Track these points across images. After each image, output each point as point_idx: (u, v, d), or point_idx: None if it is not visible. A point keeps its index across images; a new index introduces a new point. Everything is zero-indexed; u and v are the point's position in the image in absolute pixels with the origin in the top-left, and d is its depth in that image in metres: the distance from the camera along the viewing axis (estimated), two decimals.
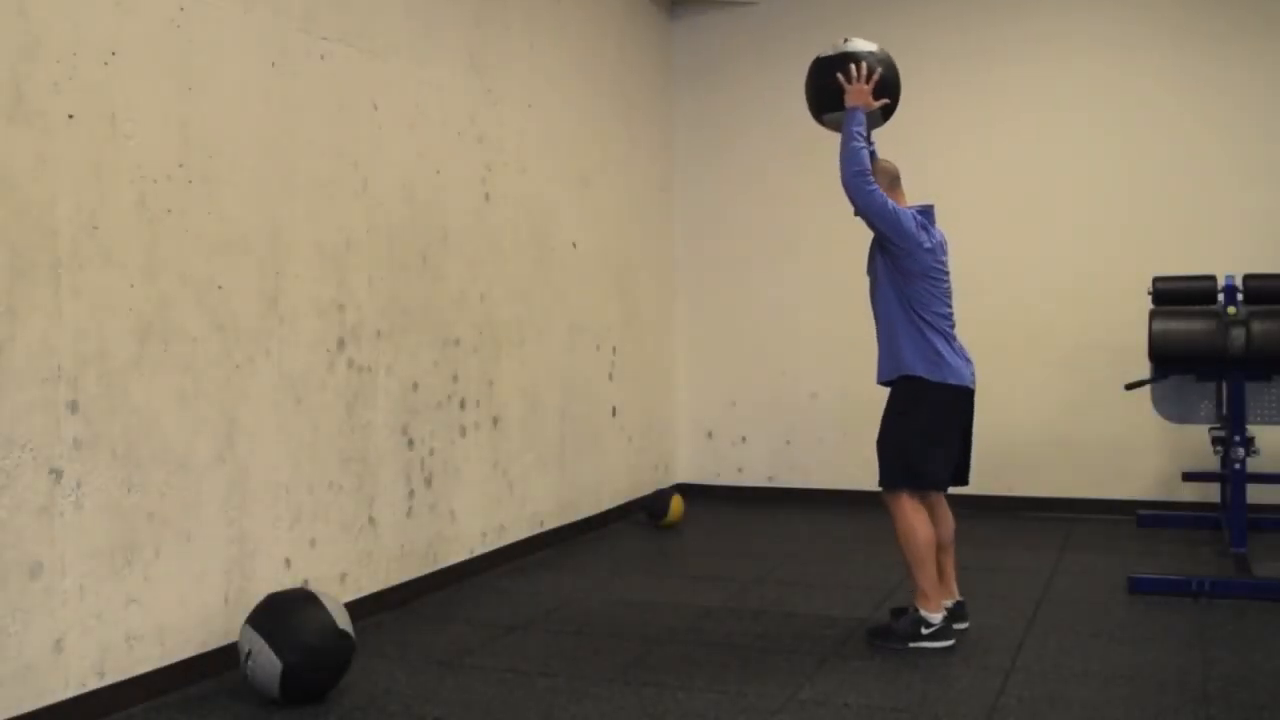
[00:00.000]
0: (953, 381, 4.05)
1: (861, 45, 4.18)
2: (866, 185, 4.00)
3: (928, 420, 4.06)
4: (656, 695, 3.61)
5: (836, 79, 4.11)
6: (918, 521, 4.05)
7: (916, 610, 4.07)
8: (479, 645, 4.20)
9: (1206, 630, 4.27)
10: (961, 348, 4.16)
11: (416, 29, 4.91)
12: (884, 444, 4.13)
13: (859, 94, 4.07)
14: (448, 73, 5.13)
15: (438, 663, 3.99)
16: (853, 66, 4.09)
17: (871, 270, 4.20)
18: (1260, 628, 4.29)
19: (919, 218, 4.10)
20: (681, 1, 7.54)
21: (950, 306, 4.16)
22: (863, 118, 4.07)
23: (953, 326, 4.16)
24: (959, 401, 4.10)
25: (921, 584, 4.05)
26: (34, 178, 3.22)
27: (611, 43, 6.76)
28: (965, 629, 4.19)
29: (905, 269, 4.05)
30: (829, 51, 4.20)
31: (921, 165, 7.13)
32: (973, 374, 4.15)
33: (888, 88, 4.15)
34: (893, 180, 4.23)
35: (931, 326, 4.06)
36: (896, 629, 4.10)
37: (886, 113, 4.21)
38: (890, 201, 4.05)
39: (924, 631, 4.04)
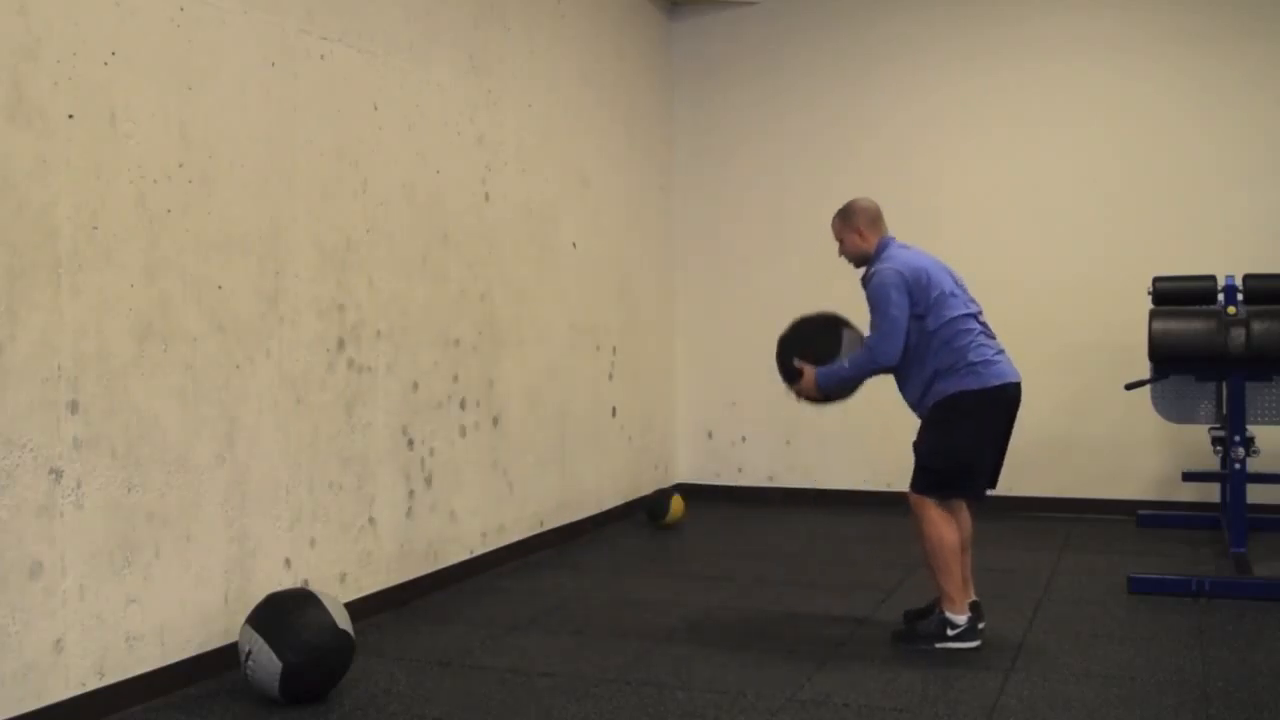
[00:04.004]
0: (996, 383, 4.00)
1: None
2: (882, 354, 4.03)
3: (975, 428, 4.02)
4: (656, 695, 3.61)
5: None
6: (944, 526, 4.04)
7: (942, 612, 4.08)
8: (479, 645, 4.20)
9: (1206, 630, 4.27)
10: (998, 343, 4.12)
11: (416, 29, 4.91)
12: (925, 450, 4.08)
13: (807, 388, 4.20)
14: (448, 73, 5.13)
15: (438, 663, 3.99)
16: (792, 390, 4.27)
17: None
18: (1260, 628, 4.29)
19: (904, 272, 4.04)
20: (681, 2, 7.54)
21: (975, 304, 4.13)
22: (832, 376, 4.13)
23: (984, 323, 4.11)
24: (1008, 399, 4.05)
25: (946, 587, 4.05)
26: (34, 178, 3.22)
27: (611, 43, 6.76)
28: (983, 629, 4.18)
29: (932, 315, 4.03)
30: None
31: (921, 166, 7.16)
32: (1014, 368, 4.10)
33: (792, 350, 4.26)
34: (873, 220, 4.24)
35: (964, 333, 4.01)
36: (922, 630, 4.11)
37: (811, 349, 4.24)
38: (887, 308, 4.02)
39: (950, 633, 4.05)
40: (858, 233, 4.23)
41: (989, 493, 4.22)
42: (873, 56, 7.17)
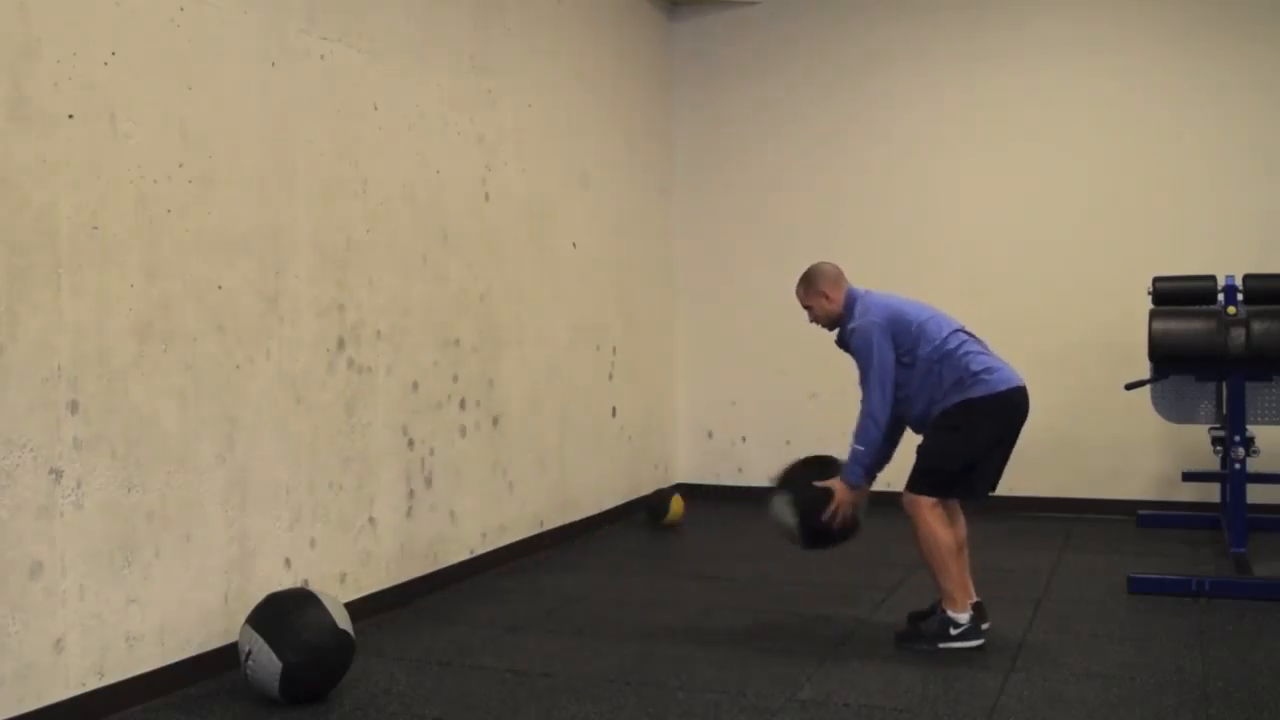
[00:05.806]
0: (1004, 388, 4.03)
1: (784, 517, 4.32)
2: (877, 407, 4.06)
3: (985, 432, 4.04)
4: (656, 695, 3.61)
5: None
6: (937, 525, 4.05)
7: (944, 612, 4.08)
8: (479, 645, 4.20)
9: (1206, 630, 4.27)
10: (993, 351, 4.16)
11: (416, 29, 4.91)
12: (932, 451, 4.09)
13: (845, 494, 4.18)
14: (448, 73, 5.13)
15: (438, 663, 3.99)
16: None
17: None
18: (1260, 628, 4.29)
19: (880, 322, 4.10)
20: (681, 2, 7.54)
21: (957, 324, 4.16)
22: (855, 467, 4.15)
23: (974, 338, 4.15)
24: (1017, 405, 4.07)
25: (946, 586, 4.06)
26: (34, 178, 3.22)
27: (611, 43, 6.76)
28: (986, 629, 4.17)
29: (923, 343, 4.08)
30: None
31: (922, 167, 7.17)
32: (1016, 373, 4.12)
33: (803, 487, 4.27)
34: (835, 279, 4.24)
35: (958, 347, 4.06)
36: (925, 631, 4.11)
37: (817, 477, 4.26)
38: (872, 356, 4.07)
39: (952, 632, 4.05)
40: (824, 296, 4.23)
41: (989, 493, 4.23)
42: (873, 58, 7.17)
